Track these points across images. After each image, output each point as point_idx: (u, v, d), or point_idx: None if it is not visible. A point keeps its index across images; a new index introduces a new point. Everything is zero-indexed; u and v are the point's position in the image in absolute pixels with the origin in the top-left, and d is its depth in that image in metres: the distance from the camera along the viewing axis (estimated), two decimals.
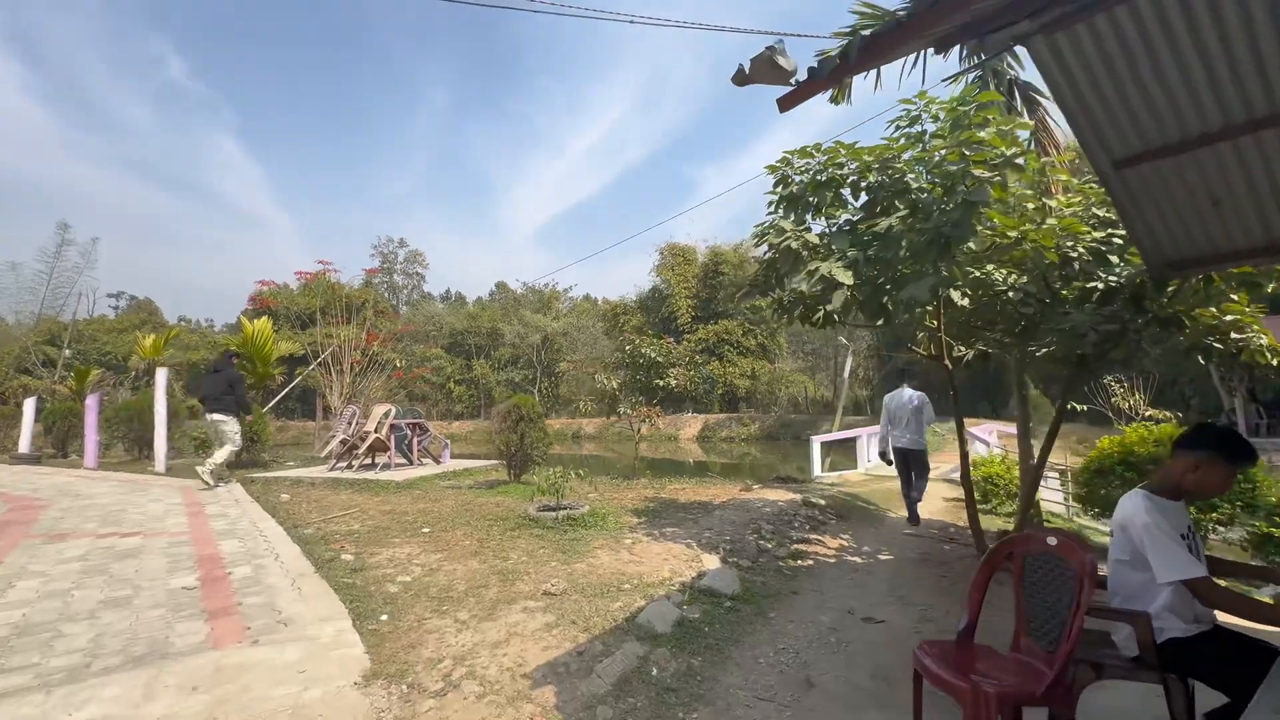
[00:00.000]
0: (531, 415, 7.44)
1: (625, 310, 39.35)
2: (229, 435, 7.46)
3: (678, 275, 35.33)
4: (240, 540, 4.92)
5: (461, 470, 8.83)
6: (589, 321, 45.44)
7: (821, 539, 5.40)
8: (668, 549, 4.75)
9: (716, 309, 34.65)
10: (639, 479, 8.37)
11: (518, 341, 43.24)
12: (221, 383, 7.43)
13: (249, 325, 10.97)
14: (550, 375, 44.04)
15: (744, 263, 35.32)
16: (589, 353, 44.38)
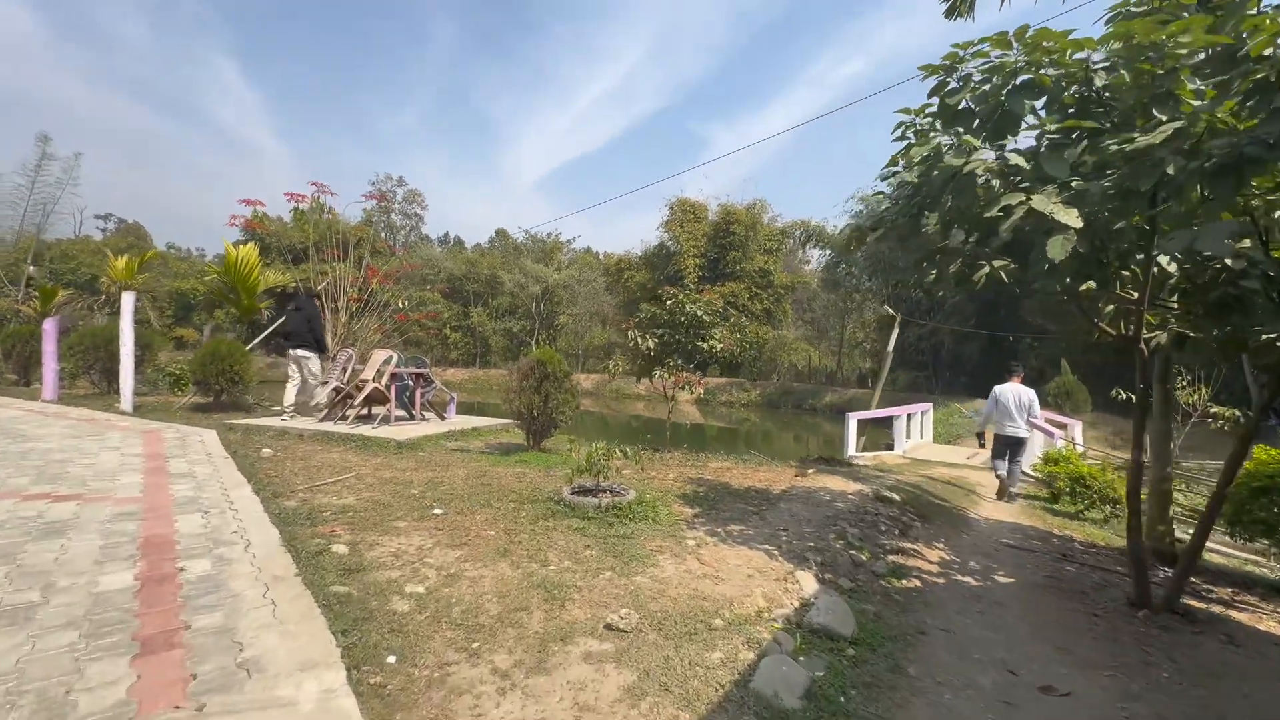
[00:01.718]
0: (557, 374, 6.37)
1: (630, 265, 37.85)
2: (310, 371, 7.64)
3: (687, 232, 33.76)
4: (204, 514, 3.85)
5: (469, 429, 7.79)
6: (591, 275, 44.00)
7: (916, 548, 4.43)
8: (745, 557, 3.75)
9: (725, 269, 33.32)
10: (669, 451, 7.38)
11: (517, 291, 41.79)
12: (302, 320, 7.68)
13: (232, 250, 9.68)
14: (549, 327, 42.82)
15: (756, 223, 33.84)
16: (589, 307, 43.18)
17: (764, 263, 33.60)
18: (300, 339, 7.67)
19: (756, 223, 33.89)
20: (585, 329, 43.14)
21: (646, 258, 38.51)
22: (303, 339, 7.66)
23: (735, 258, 32.71)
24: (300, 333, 7.67)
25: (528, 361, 6.44)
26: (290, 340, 7.76)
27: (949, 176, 2.99)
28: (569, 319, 41.95)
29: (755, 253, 33.71)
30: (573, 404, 6.44)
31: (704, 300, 7.15)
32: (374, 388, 7.20)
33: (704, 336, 7.04)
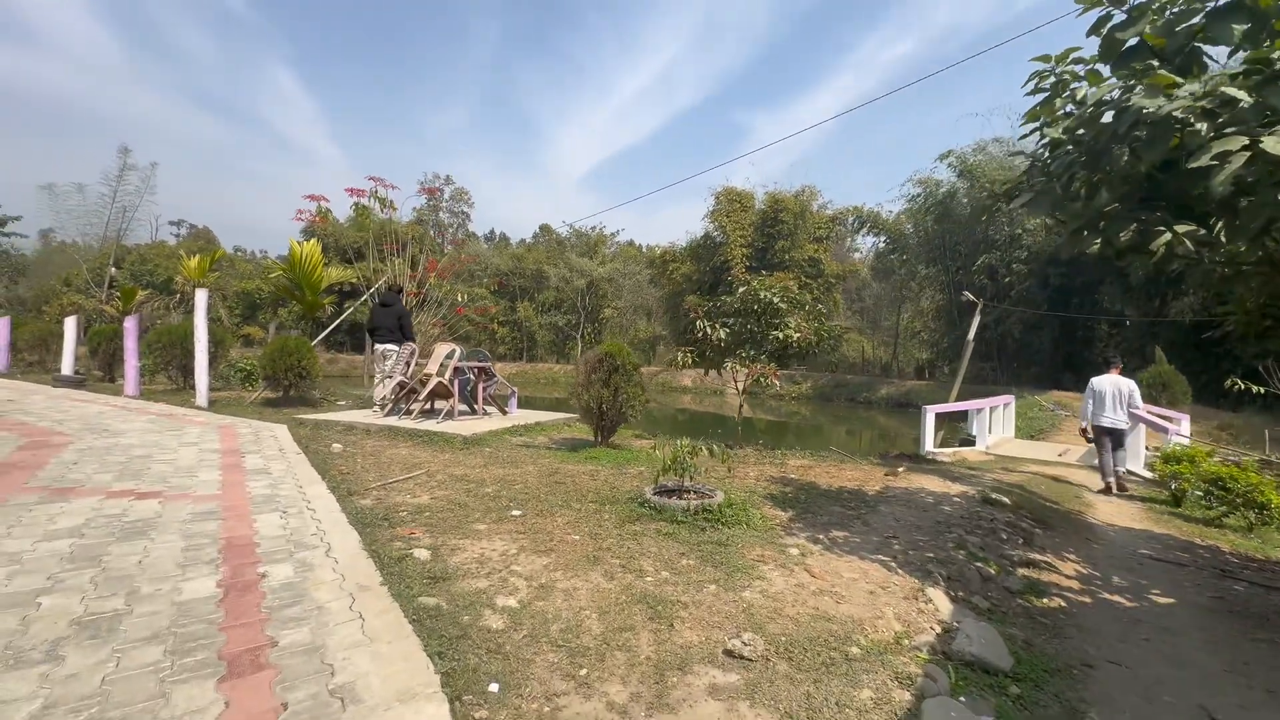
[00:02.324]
0: (626, 366, 6.05)
1: (674, 257, 37.29)
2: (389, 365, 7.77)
3: (733, 222, 32.91)
4: (282, 514, 3.69)
5: (533, 424, 7.58)
6: (635, 268, 43.73)
7: (1046, 560, 3.91)
8: (860, 569, 3.33)
9: (773, 259, 32.35)
10: (741, 447, 6.98)
11: (562, 285, 41.93)
12: (391, 316, 7.89)
13: (297, 247, 9.76)
14: (594, 321, 42.82)
15: (805, 211, 32.76)
16: (633, 300, 42.93)
17: (813, 251, 32.46)
18: (390, 334, 7.87)
19: (805, 210, 32.75)
20: (630, 322, 42.98)
21: (692, 249, 37.82)
22: (392, 335, 7.82)
23: (784, 247, 31.69)
24: (387, 327, 7.87)
25: (595, 354, 6.14)
26: (376, 335, 7.96)
27: (1132, 123, 2.47)
28: (614, 312, 41.84)
29: (804, 241, 32.61)
30: (642, 398, 6.11)
31: (779, 286, 6.69)
32: (438, 382, 7.06)
33: (778, 325, 6.59)
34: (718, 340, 6.64)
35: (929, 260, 27.11)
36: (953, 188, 24.90)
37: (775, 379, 6.33)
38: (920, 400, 25.58)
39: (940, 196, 25.14)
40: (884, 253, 33.74)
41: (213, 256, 10.48)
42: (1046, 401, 14.40)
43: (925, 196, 25.84)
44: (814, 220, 33.04)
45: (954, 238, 25.12)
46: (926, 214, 25.82)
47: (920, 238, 26.90)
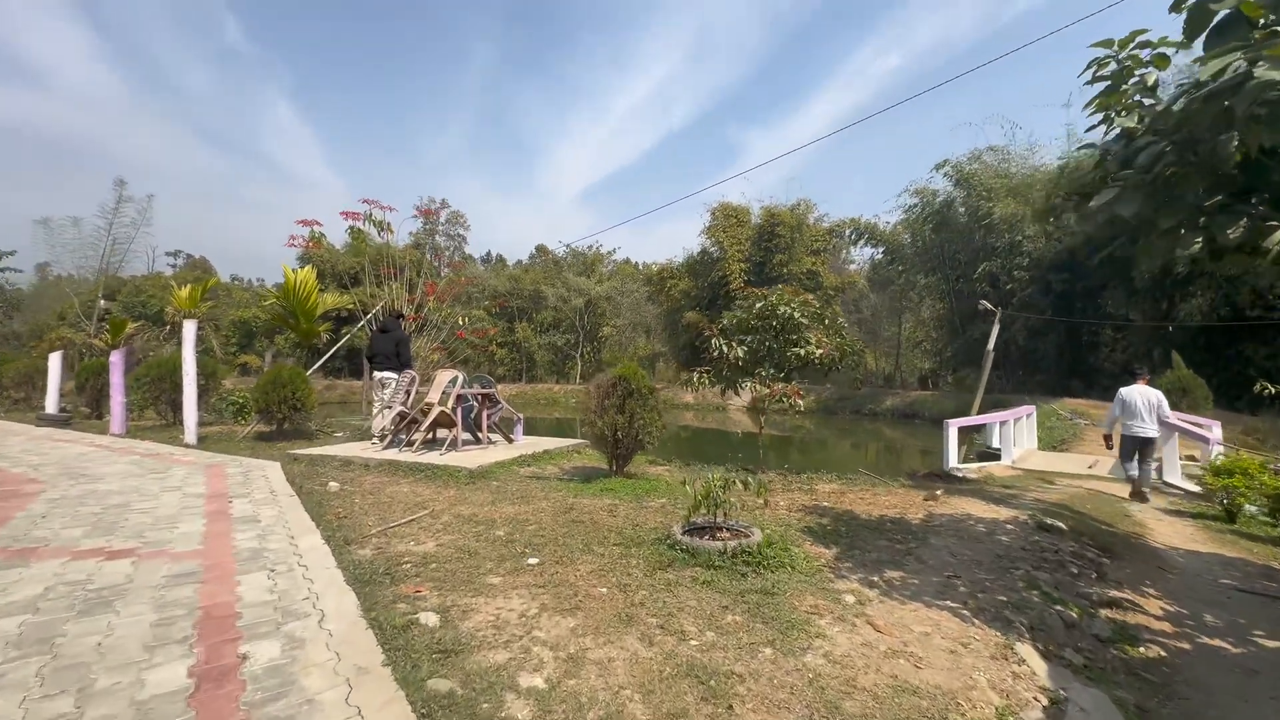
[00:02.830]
0: (641, 390, 5.66)
1: (672, 274, 37.12)
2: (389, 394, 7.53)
3: (730, 237, 32.79)
4: (270, 572, 3.26)
5: (540, 452, 7.16)
6: (632, 286, 43.54)
7: (1127, 597, 3.49)
8: (929, 620, 2.91)
9: (771, 273, 32.13)
10: (764, 472, 6.56)
11: (560, 305, 41.63)
12: (389, 342, 7.65)
13: (290, 274, 9.39)
14: (593, 340, 42.47)
15: (801, 224, 32.64)
16: (632, 317, 42.66)
17: (811, 264, 32.28)
18: (388, 361, 7.63)
19: (802, 223, 32.64)
20: (629, 340, 42.70)
21: (689, 265, 37.68)
22: (390, 362, 7.59)
23: (781, 260, 31.50)
24: (385, 354, 7.62)
25: (608, 378, 5.75)
26: (375, 363, 7.73)
27: (1251, 102, 2.11)
28: (612, 330, 41.55)
29: (802, 254, 32.46)
30: (659, 423, 5.71)
31: (798, 300, 6.34)
32: (441, 411, 6.64)
33: (798, 341, 6.23)
34: (735, 359, 6.26)
35: (928, 270, 26.91)
36: (949, 197, 24.77)
37: (799, 399, 5.95)
38: (926, 411, 25.21)
39: (937, 206, 25.00)
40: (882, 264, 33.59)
41: (204, 285, 10.10)
42: (1063, 410, 14.02)
43: (922, 206, 25.71)
44: (811, 233, 32.93)
45: (953, 246, 24.93)
46: (924, 224, 25.67)
47: (918, 247, 26.73)
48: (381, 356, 7.75)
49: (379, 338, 7.91)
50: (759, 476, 4.70)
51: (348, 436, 8.60)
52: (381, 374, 7.73)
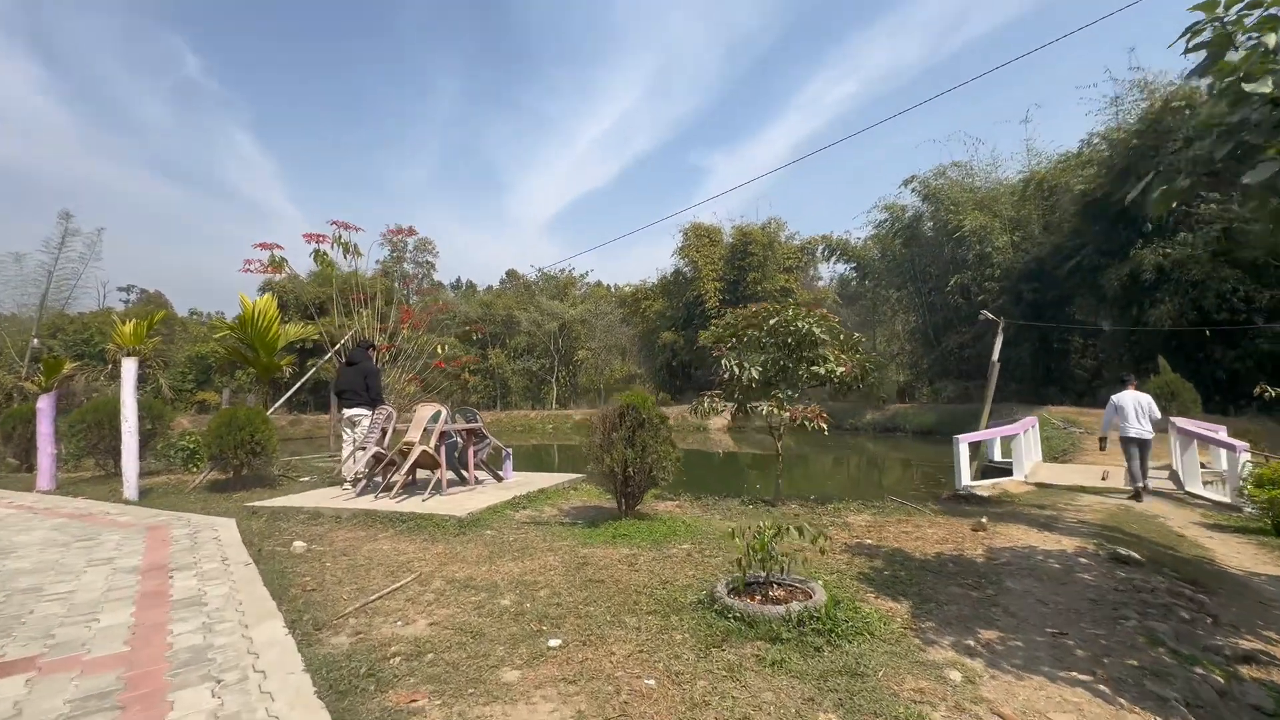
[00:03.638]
0: (653, 420, 5.04)
1: (646, 295, 36.84)
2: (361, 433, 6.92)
3: (703, 256, 32.76)
4: (215, 686, 2.48)
5: (535, 492, 6.46)
6: (607, 308, 43.06)
7: (1262, 649, 2.96)
8: (1059, 699, 2.32)
9: (745, 291, 32.08)
10: (784, 503, 5.96)
11: (534, 330, 40.81)
12: (357, 376, 7.05)
13: (249, 303, 8.51)
14: (568, 364, 41.66)
15: (773, 242, 32.75)
16: (607, 340, 42.05)
17: (785, 281, 32.35)
18: (356, 397, 6.98)
19: (774, 241, 32.81)
20: (604, 362, 41.99)
21: (663, 286, 37.49)
22: (359, 397, 6.98)
23: (755, 279, 31.50)
24: (354, 389, 6.98)
25: (614, 408, 5.11)
26: (343, 399, 7.14)
27: None
28: (588, 354, 40.82)
29: (775, 272, 32.53)
30: (673, 456, 5.08)
31: (816, 315, 5.84)
32: (422, 451, 5.88)
33: (815, 359, 5.71)
34: (749, 380, 5.70)
35: (900, 283, 27.11)
36: (918, 212, 25.11)
37: (822, 422, 5.41)
38: (907, 424, 25.12)
39: (907, 220, 25.29)
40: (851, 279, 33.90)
41: (151, 320, 9.11)
42: (1055, 419, 13.85)
43: (892, 221, 25.98)
44: (783, 250, 33.07)
45: (924, 260, 25.17)
46: (895, 238, 25.92)
47: (890, 262, 26.95)
48: (349, 392, 7.06)
49: (346, 371, 7.23)
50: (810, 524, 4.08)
51: (315, 482, 7.72)
52: (351, 411, 7.01)
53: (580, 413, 35.76)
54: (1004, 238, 21.39)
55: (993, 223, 21.29)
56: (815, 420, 5.44)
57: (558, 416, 35.14)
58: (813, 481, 14.93)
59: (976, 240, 21.55)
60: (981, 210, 21.94)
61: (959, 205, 22.36)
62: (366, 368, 7.13)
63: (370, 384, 7.01)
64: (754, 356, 5.99)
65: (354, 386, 7.01)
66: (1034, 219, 21.63)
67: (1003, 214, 21.82)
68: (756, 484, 10.78)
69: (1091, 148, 19.66)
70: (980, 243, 21.54)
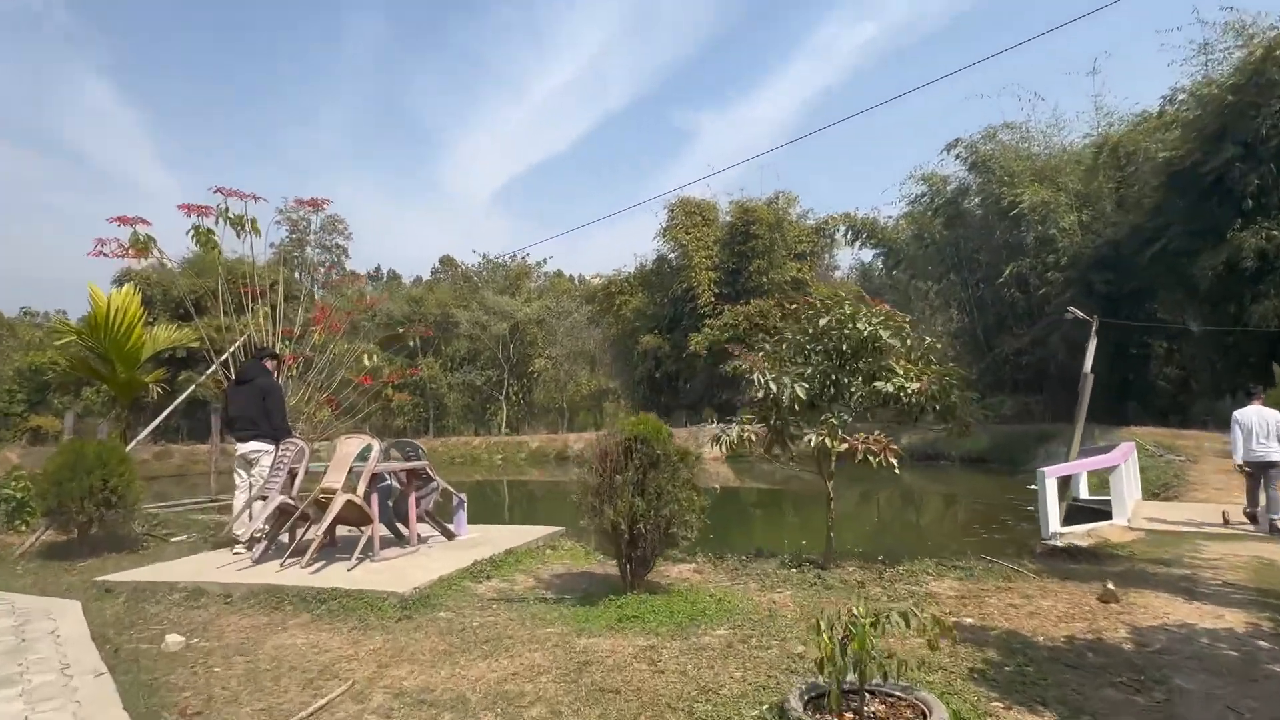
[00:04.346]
0: (670, 456, 4.71)
1: (621, 288, 36.52)
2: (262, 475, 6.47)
3: (694, 240, 32.59)
4: None
5: (502, 554, 6.07)
6: (570, 304, 42.65)
7: None
8: None
9: (748, 284, 32.08)
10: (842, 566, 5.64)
11: (477, 333, 40.24)
12: (253, 398, 6.60)
13: (101, 299, 7.93)
14: (522, 376, 41.17)
15: (782, 222, 32.81)
16: (571, 345, 41.64)
17: (797, 270, 32.48)
18: (253, 427, 6.55)
19: (782, 221, 32.82)
20: (568, 374, 41.59)
21: (642, 276, 37.31)
22: (257, 427, 6.53)
23: (760, 267, 31.47)
24: (249, 417, 6.55)
25: (616, 439, 4.75)
26: (235, 429, 6.73)
27: None
28: (546, 363, 40.39)
29: (784, 259, 32.60)
30: (697, 506, 4.74)
31: (881, 315, 5.55)
32: (347, 501, 5.44)
33: (877, 372, 5.42)
34: (792, 401, 5.37)
35: (940, 274, 27.37)
36: (963, 184, 25.38)
37: (892, 456, 5.10)
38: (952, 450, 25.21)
39: (949, 195, 25.57)
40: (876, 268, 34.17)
41: None
42: (1146, 443, 13.92)
43: (931, 196, 26.24)
44: (794, 232, 33.15)
45: (970, 244, 25.48)
46: (934, 217, 26.16)
47: (928, 247, 27.16)
48: (244, 421, 6.61)
49: (238, 392, 6.80)
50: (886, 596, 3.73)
51: (194, 543, 7.21)
52: (247, 447, 6.55)
53: (539, 439, 35.32)
54: (1070, 217, 21.71)
55: (1056, 198, 21.59)
56: (883, 453, 5.12)
57: (508, 444, 34.63)
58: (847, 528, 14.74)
59: (1037, 219, 21.84)
60: (1042, 182, 22.27)
61: (1014, 176, 22.65)
62: (266, 386, 6.66)
63: (272, 409, 6.54)
64: (796, 368, 5.69)
65: (249, 413, 6.53)
66: (1106, 193, 22.02)
67: (1068, 187, 22.16)
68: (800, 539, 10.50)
69: (1176, 106, 20.10)
70: (1041, 222, 21.84)
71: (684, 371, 34.06)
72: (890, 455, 5.16)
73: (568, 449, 32.68)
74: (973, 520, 13.82)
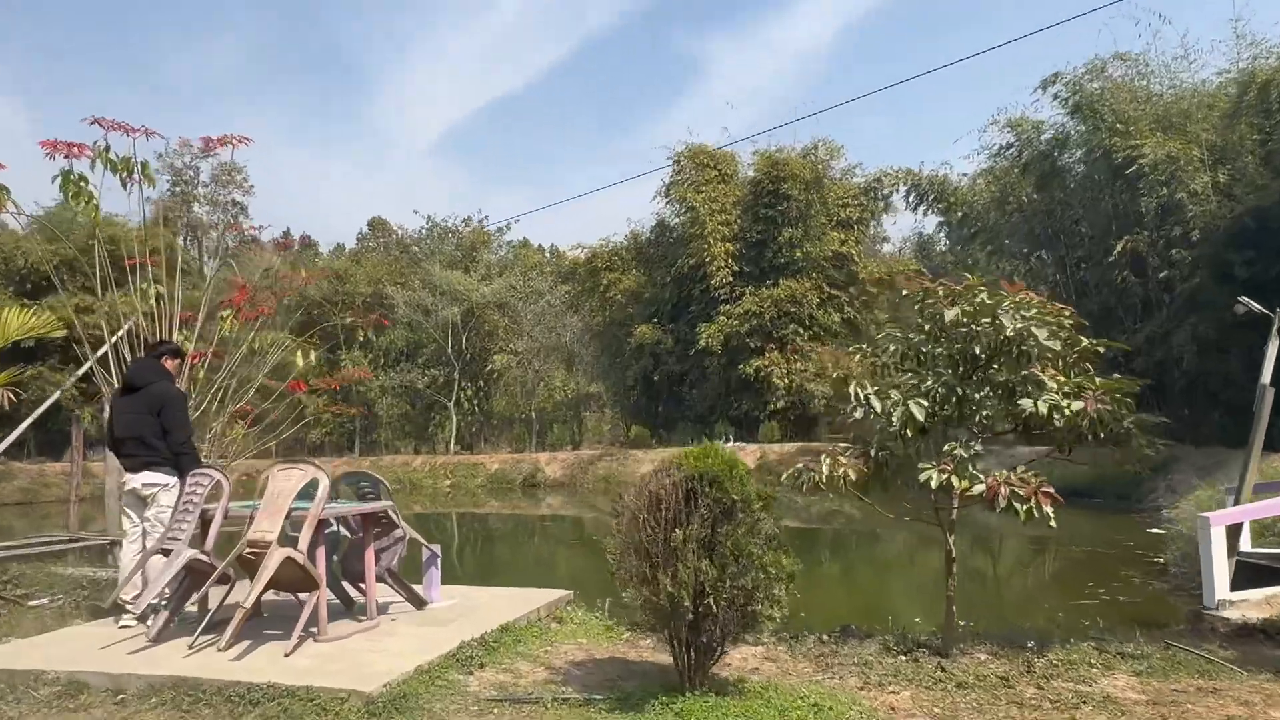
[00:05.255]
0: (749, 504, 4.43)
1: (609, 263, 36.21)
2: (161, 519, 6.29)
3: (707, 201, 32.40)
4: None
5: (495, 632, 5.80)
6: (541, 283, 42.39)
7: None
8: None
9: (776, 259, 31.95)
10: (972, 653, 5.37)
11: (419, 318, 39.92)
12: (145, 410, 6.44)
13: None
14: (477, 377, 40.94)
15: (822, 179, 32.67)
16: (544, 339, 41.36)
17: (840, 242, 32.49)
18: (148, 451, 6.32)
19: (821, 179, 32.84)
20: (538, 376, 41.30)
21: (637, 248, 37.20)
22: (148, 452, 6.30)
23: (792, 238, 31.42)
24: (141, 437, 6.33)
25: (672, 478, 4.45)
26: (123, 454, 6.52)
27: None
28: (510, 360, 40.10)
29: (824, 227, 32.60)
30: (786, 573, 4.45)
31: (1032, 304, 5.26)
32: (285, 559, 5.12)
33: (1021, 385, 5.12)
34: (903, 425, 5.09)
35: (1028, 249, 27.37)
36: (1061, 132, 25.36)
37: (1048, 502, 4.82)
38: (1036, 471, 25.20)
39: (1044, 147, 25.52)
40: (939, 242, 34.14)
41: None
42: None
43: (1020, 148, 26.19)
44: (837, 193, 33.13)
45: (1070, 211, 25.44)
46: (1023, 176, 26.12)
47: (1013, 214, 27.13)
48: (135, 442, 6.37)
49: (128, 403, 6.55)
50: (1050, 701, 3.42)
51: (63, 607, 7.00)
52: (140, 478, 6.29)
53: (500, 458, 35.15)
54: (1203, 177, 21.65)
55: (1185, 152, 21.52)
56: (1033, 498, 4.83)
57: (460, 466, 34.40)
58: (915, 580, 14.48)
59: (1159, 180, 21.75)
60: (1166, 132, 22.24)
61: (1129, 123, 22.60)
62: (164, 394, 6.38)
63: (173, 425, 6.31)
64: (905, 378, 5.43)
65: (142, 431, 6.25)
66: (1250, 147, 21.99)
67: (1200, 138, 22.11)
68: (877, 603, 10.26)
69: None
70: (1165, 184, 21.76)
71: (690, 373, 33.99)
72: (1046, 499, 4.87)
73: (539, 473, 32.57)
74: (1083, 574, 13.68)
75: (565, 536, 22.25)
